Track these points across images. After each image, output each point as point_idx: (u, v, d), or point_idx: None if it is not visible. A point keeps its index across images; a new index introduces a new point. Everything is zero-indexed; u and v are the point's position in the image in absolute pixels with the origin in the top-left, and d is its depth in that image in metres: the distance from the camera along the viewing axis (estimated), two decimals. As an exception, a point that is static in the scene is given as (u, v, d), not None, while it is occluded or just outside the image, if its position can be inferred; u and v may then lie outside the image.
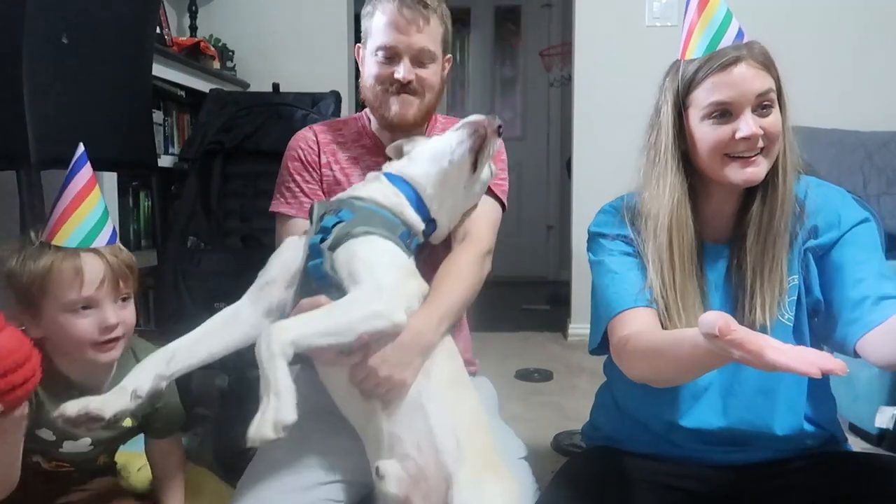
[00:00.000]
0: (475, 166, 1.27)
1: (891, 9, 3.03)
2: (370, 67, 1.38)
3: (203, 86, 2.79)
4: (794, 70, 1.11)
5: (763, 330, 1.08)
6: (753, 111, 1.06)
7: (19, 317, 1.12)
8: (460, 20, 5.33)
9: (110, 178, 2.26)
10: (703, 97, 1.08)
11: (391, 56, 1.35)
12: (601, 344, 1.16)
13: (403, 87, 1.35)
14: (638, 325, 1.09)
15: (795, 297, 1.12)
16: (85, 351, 1.14)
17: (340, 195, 1.29)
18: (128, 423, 1.24)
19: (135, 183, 2.47)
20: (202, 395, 2.35)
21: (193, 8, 3.23)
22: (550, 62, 5.06)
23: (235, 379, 2.00)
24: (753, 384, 1.12)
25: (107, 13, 1.75)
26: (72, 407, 1.02)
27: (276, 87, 2.33)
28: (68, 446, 1.20)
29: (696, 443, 1.14)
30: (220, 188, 1.97)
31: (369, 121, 1.47)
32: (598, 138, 3.14)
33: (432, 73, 1.38)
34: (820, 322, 1.14)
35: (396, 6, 1.32)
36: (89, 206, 1.15)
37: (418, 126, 1.41)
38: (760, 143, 1.06)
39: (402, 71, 1.34)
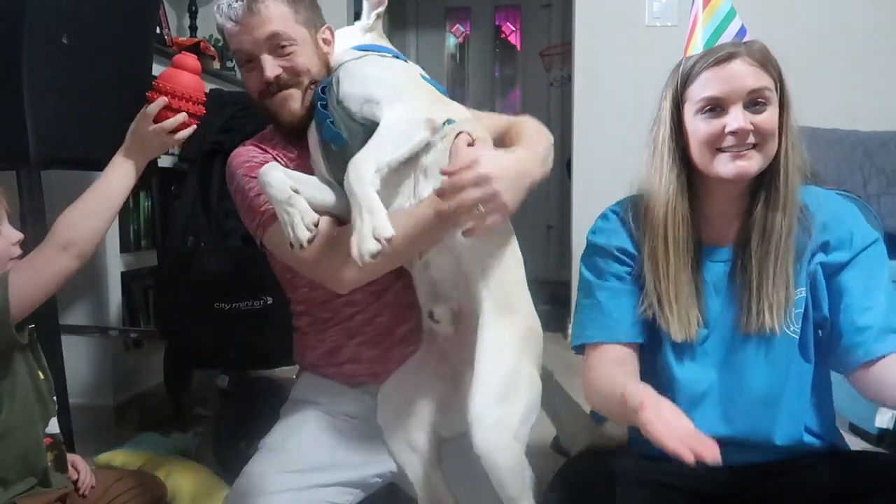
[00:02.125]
0: None
1: (891, 9, 3.03)
2: (245, 83, 1.31)
3: (203, 86, 2.78)
4: (795, 70, 1.12)
5: (772, 334, 1.09)
6: (746, 107, 1.06)
7: None
8: (460, 20, 5.34)
9: (110, 178, 2.26)
10: (697, 92, 1.09)
11: (249, 60, 1.26)
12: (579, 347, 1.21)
13: (276, 86, 1.25)
14: (604, 360, 1.13)
15: (802, 311, 1.11)
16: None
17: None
18: None
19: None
20: (202, 395, 2.36)
21: (193, 8, 3.23)
22: (550, 62, 5.07)
23: (235, 379, 2.00)
24: (756, 394, 1.12)
25: (107, 13, 1.75)
26: (303, 233, 1.11)
27: (276, 87, 2.33)
28: None
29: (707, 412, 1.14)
30: (220, 188, 1.97)
31: None
32: (597, 138, 3.14)
33: (301, 54, 1.26)
34: (823, 337, 1.14)
35: (224, 12, 1.24)
36: None
37: None
38: (751, 139, 1.07)
39: (266, 69, 1.24)
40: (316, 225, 1.12)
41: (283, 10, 1.24)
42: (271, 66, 1.24)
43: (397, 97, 1.15)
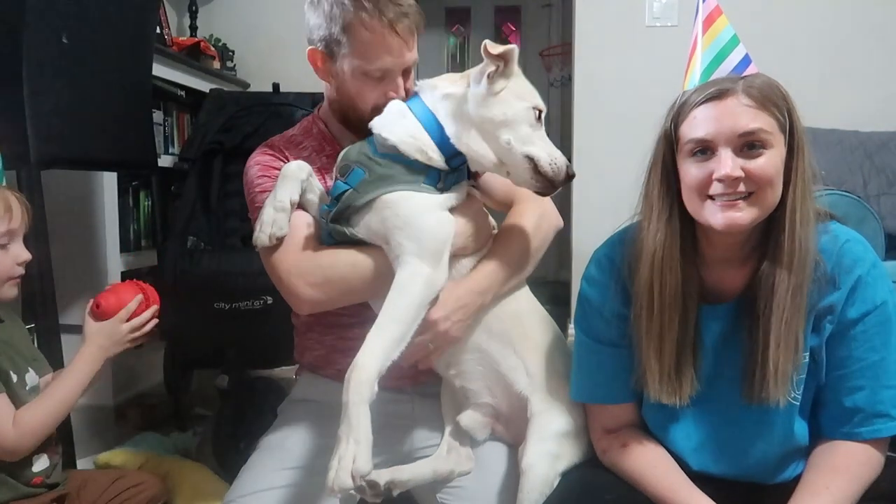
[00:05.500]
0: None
1: (891, 8, 3.02)
2: (353, 87, 1.25)
3: (203, 86, 2.78)
4: (795, 70, 1.10)
5: (776, 405, 1.01)
6: (739, 151, 0.96)
7: None
8: (460, 20, 5.33)
9: (110, 178, 2.26)
10: (686, 131, 1.00)
11: (383, 77, 1.24)
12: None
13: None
14: (616, 423, 1.15)
15: (804, 376, 1.03)
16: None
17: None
18: None
19: (135, 183, 2.47)
20: (202, 395, 2.36)
21: (193, 8, 3.23)
22: (550, 62, 5.06)
23: (235, 379, 2.00)
24: (753, 455, 1.08)
25: (107, 13, 1.75)
26: (263, 238, 1.20)
27: (276, 87, 2.33)
28: None
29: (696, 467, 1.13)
30: (220, 188, 1.97)
31: (325, 125, 1.38)
32: (597, 138, 3.13)
33: (413, 79, 1.29)
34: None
35: (387, 24, 1.18)
36: None
37: None
38: (742, 187, 0.96)
39: (399, 91, 1.25)
40: (279, 240, 1.19)
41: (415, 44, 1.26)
42: (400, 87, 1.25)
43: (421, 254, 1.12)
